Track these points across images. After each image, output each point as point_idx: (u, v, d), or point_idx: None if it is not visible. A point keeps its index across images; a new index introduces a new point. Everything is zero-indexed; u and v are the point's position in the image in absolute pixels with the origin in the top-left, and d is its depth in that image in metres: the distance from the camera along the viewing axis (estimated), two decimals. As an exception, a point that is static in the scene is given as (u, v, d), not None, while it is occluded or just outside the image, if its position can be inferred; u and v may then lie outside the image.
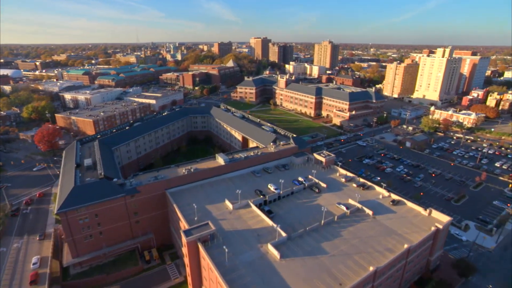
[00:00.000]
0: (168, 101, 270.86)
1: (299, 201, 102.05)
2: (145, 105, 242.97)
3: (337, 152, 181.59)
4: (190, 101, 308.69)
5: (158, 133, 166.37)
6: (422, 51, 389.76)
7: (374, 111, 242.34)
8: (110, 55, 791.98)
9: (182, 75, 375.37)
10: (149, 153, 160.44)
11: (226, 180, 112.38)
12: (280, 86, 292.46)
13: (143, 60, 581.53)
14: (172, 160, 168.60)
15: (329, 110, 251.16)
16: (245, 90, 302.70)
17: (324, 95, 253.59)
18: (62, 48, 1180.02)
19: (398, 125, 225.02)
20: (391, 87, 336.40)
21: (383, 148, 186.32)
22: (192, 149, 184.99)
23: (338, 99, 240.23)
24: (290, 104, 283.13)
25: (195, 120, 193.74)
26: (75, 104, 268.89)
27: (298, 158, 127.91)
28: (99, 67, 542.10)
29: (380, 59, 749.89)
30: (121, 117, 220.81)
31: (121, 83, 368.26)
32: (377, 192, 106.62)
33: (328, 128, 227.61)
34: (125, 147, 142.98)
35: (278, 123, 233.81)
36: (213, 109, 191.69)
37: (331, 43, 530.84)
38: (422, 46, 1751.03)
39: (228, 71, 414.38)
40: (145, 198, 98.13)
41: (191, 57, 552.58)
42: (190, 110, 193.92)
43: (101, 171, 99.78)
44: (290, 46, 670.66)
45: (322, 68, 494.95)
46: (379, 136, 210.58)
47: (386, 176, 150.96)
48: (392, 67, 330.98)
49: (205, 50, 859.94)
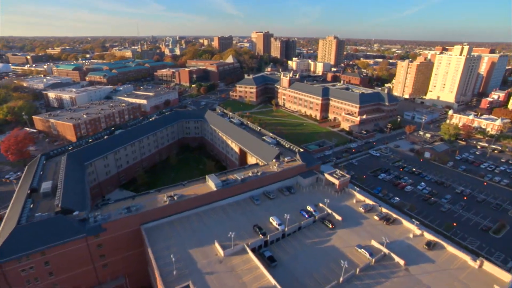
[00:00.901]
0: (161, 101, 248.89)
1: (309, 240, 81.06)
2: (134, 106, 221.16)
3: (348, 164, 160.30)
4: (186, 100, 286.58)
5: (144, 142, 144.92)
6: (435, 48, 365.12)
7: (386, 114, 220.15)
8: (107, 49, 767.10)
9: (178, 72, 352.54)
10: (132, 165, 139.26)
11: (218, 209, 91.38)
12: (283, 85, 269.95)
13: (139, 54, 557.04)
14: (160, 173, 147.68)
15: (336, 113, 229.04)
16: (245, 89, 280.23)
17: (331, 96, 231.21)
18: (61, 40, 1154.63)
19: (414, 131, 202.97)
20: (401, 86, 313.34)
21: (400, 160, 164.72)
22: (184, 158, 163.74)
23: (347, 101, 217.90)
24: (294, 105, 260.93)
25: (187, 125, 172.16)
26: (60, 104, 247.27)
27: (306, 179, 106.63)
28: (93, 61, 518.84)
29: (386, 56, 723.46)
30: (107, 119, 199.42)
31: (113, 80, 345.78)
32: (405, 228, 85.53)
33: (336, 134, 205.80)
34: (102, 161, 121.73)
35: (281, 127, 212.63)
36: (208, 113, 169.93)
37: (336, 38, 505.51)
38: (427, 43, 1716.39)
39: (227, 68, 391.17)
40: (115, 237, 77.25)
41: (189, 52, 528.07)
42: (182, 114, 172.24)
43: (58, 202, 78.69)
44: (293, 41, 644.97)
45: (327, 65, 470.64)
46: (393, 144, 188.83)
47: (406, 196, 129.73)
48: (404, 65, 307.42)
49: (206, 44, 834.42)
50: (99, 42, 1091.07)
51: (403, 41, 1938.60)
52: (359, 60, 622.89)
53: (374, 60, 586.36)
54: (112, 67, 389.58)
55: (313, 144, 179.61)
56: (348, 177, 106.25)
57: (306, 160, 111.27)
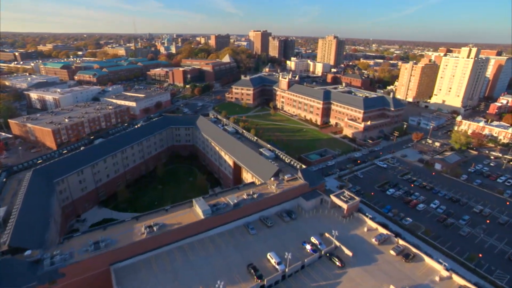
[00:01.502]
0: (151, 103, 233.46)
1: (314, 284, 67.27)
2: (122, 109, 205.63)
3: (353, 177, 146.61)
4: (179, 102, 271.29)
5: (127, 152, 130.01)
6: (439, 50, 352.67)
7: (391, 120, 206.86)
8: (101, 46, 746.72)
9: (172, 71, 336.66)
10: (113, 179, 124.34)
11: (206, 241, 77.23)
12: (282, 87, 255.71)
13: (133, 53, 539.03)
14: (145, 186, 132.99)
15: (339, 118, 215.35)
16: (242, 91, 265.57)
17: (333, 100, 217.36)
18: (56, 37, 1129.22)
19: (422, 139, 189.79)
20: (405, 89, 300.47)
21: (409, 172, 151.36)
22: (173, 169, 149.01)
23: (350, 106, 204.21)
24: (293, 108, 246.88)
25: (177, 132, 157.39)
26: (43, 105, 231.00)
27: (308, 201, 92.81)
28: (85, 59, 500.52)
29: (386, 57, 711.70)
30: (92, 124, 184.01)
31: (103, 79, 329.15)
32: (428, 267, 72.02)
33: (338, 142, 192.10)
34: (76, 176, 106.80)
35: (280, 134, 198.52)
36: (200, 119, 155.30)
37: (336, 38, 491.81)
38: (424, 43, 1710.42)
39: (223, 68, 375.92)
40: (77, 282, 62.76)
41: (185, 50, 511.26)
42: (172, 120, 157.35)
43: (7, 238, 64.01)
44: (291, 40, 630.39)
45: (327, 65, 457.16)
46: (400, 153, 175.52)
47: (419, 216, 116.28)
48: (408, 67, 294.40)
49: (203, 42, 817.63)
50: (94, 39, 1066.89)
51: (401, 41, 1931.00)
52: (358, 61, 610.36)
53: (374, 61, 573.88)
54: (103, 66, 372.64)
55: (314, 153, 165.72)
56: (357, 200, 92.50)
57: (309, 178, 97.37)
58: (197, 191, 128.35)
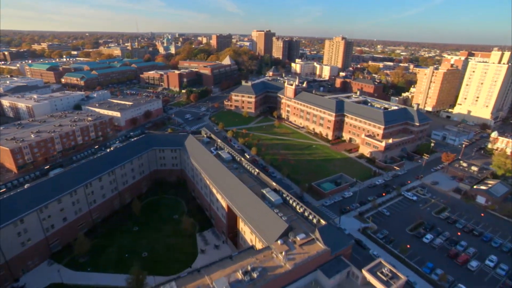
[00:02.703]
0: (139, 112, 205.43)
1: None
2: (104, 120, 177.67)
3: (376, 213, 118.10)
4: (172, 110, 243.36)
5: (95, 185, 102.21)
6: (459, 53, 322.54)
7: (415, 137, 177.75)
8: (99, 46, 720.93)
9: (167, 75, 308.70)
10: (73, 222, 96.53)
11: None
12: (287, 95, 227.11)
13: (129, 53, 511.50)
14: (116, 228, 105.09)
15: (353, 132, 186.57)
16: (242, 98, 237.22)
17: (347, 111, 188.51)
18: (58, 35, 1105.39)
19: (454, 161, 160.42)
20: (423, 97, 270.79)
21: (446, 208, 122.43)
22: (155, 202, 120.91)
23: (367, 120, 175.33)
24: (300, 119, 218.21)
25: (162, 154, 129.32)
26: (16, 114, 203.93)
27: (331, 278, 64.44)
28: (78, 59, 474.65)
29: (395, 59, 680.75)
30: (64, 140, 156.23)
31: (92, 83, 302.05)
32: None
33: (353, 162, 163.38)
34: (13, 227, 78.95)
35: (286, 152, 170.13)
36: (189, 140, 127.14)
37: (345, 39, 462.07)
38: (430, 44, 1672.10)
39: (223, 71, 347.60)
40: None
41: (184, 51, 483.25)
42: (155, 140, 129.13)
43: None
44: (296, 41, 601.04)
45: (334, 68, 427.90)
46: (429, 179, 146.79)
47: (474, 279, 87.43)
48: (427, 72, 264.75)
49: (204, 42, 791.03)
50: (93, 38, 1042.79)
51: (405, 42, 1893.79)
52: (366, 63, 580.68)
53: (384, 63, 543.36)
54: (93, 67, 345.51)
55: (328, 180, 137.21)
56: (403, 279, 63.80)
57: (330, 240, 68.97)
58: (181, 236, 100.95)
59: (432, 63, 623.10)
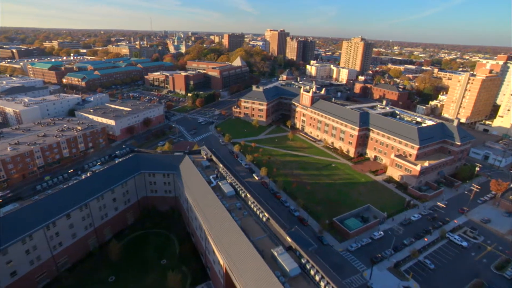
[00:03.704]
0: (138, 120, 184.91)
1: None
2: (95, 130, 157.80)
3: (417, 265, 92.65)
4: (175, 116, 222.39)
5: (60, 224, 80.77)
6: (496, 57, 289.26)
7: (455, 158, 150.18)
8: (110, 44, 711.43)
9: (173, 76, 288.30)
10: (28, 274, 75.21)
11: None
12: (303, 103, 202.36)
13: (138, 52, 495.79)
14: (87, 278, 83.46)
15: (379, 150, 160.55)
16: (252, 105, 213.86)
17: (372, 125, 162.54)
18: (73, 33, 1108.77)
19: (507, 191, 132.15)
20: (456, 107, 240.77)
21: (510, 262, 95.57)
22: (141, 239, 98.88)
23: (398, 137, 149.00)
24: (317, 131, 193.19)
25: (152, 179, 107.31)
26: (4, 119, 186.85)
27: None
28: (86, 58, 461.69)
29: (416, 61, 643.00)
30: (46, 154, 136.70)
31: (94, 84, 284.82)
32: None
33: (381, 188, 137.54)
34: None
35: (300, 172, 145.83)
36: (185, 162, 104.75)
37: (364, 40, 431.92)
38: (448, 46, 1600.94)
39: (233, 73, 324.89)
40: None
41: (193, 50, 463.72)
42: (145, 161, 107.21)
43: None
44: (311, 41, 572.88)
45: (352, 71, 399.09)
46: (477, 214, 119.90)
47: None
48: (461, 79, 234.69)
49: (216, 41, 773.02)
50: (106, 36, 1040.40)
51: (423, 44, 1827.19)
52: (385, 66, 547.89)
53: (404, 67, 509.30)
54: (97, 67, 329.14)
55: (353, 215, 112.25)
56: None
57: None
58: (168, 294, 78.28)
59: (456, 67, 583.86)
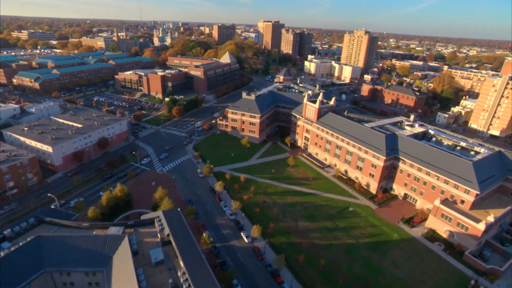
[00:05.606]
0: (90, 141, 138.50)
1: None
2: (20, 163, 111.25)
3: None
4: (144, 131, 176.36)
5: None
6: None
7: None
8: (89, 34, 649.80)
9: (147, 77, 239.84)
10: None
11: None
12: (307, 116, 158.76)
13: (115, 45, 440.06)
14: None
15: (413, 187, 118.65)
16: (242, 118, 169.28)
17: (403, 154, 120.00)
18: (56, 22, 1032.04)
19: None
20: (488, 117, 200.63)
21: None
22: None
23: (444, 175, 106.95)
24: (325, 153, 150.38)
25: (66, 280, 62.22)
26: None
27: None
28: (55, 51, 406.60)
29: (419, 56, 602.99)
30: None
31: (51, 86, 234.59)
32: None
33: (425, 253, 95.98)
34: None
35: (307, 224, 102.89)
36: (121, 251, 60.06)
37: (368, 34, 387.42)
38: (443, 39, 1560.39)
39: (220, 71, 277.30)
40: None
41: (177, 44, 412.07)
42: (53, 252, 62.27)
43: None
44: (309, 34, 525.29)
45: (357, 69, 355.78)
46: None
47: None
48: (496, 83, 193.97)
49: (206, 33, 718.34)
50: (88, 26, 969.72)
51: (418, 36, 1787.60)
52: (388, 61, 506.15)
53: (410, 63, 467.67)
54: (60, 63, 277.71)
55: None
56: None
57: None
58: None
59: (464, 63, 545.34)
